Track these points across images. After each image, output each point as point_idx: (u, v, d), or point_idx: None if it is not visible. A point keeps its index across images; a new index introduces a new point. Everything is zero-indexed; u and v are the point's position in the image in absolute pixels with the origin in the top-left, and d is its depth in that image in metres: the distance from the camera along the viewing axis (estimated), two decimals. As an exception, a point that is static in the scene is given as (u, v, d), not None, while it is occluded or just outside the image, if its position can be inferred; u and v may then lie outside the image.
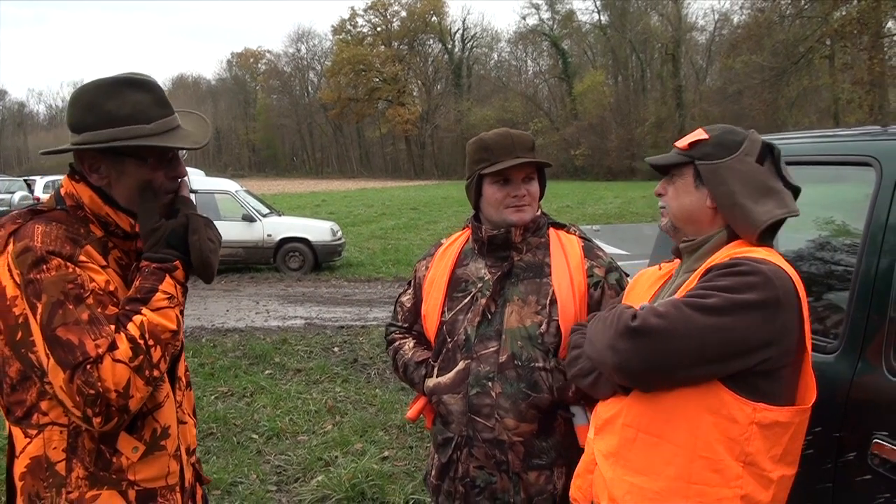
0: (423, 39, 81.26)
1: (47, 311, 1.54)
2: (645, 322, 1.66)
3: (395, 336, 2.54)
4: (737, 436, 1.64)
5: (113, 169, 1.73)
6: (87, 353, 1.52)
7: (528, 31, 73.50)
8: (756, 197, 1.79)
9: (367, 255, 16.27)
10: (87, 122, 1.70)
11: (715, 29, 59.50)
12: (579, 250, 2.33)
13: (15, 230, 1.63)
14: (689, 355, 1.62)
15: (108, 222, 1.74)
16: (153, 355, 1.61)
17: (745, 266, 1.65)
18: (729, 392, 1.64)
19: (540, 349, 2.21)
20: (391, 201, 33.87)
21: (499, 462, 2.22)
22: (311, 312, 10.27)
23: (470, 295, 2.32)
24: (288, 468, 4.86)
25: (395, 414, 5.82)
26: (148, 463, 1.74)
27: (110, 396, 1.52)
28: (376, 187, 52.06)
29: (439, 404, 2.31)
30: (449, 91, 78.10)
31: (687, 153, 1.88)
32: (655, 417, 1.72)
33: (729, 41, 33.23)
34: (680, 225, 1.91)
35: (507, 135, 2.31)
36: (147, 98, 1.74)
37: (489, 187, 2.31)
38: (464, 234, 2.49)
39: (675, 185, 1.91)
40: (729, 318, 1.60)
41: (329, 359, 7.60)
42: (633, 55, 64.13)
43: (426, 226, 22.61)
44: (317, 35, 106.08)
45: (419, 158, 79.52)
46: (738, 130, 1.88)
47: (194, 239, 1.77)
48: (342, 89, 79.19)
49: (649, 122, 56.23)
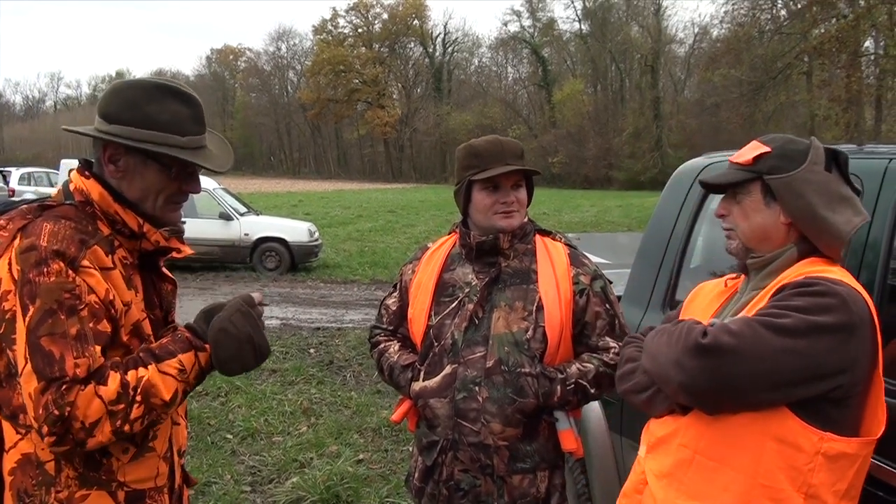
0: (405, 42, 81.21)
1: (37, 317, 1.53)
2: (716, 340, 1.55)
3: (380, 338, 2.54)
4: (801, 465, 1.56)
5: (133, 167, 1.74)
6: (65, 370, 1.51)
7: (509, 37, 73.78)
8: (834, 206, 1.71)
9: (344, 257, 16.22)
10: (124, 117, 1.70)
11: (694, 42, 60.18)
12: (565, 258, 2.36)
13: (24, 226, 1.62)
14: (761, 378, 1.54)
15: (116, 220, 1.73)
16: (133, 411, 1.59)
17: (822, 286, 1.58)
18: (796, 419, 1.56)
19: (526, 355, 2.23)
20: (368, 203, 33.81)
21: (483, 466, 2.25)
22: (288, 313, 10.22)
23: (457, 300, 2.34)
24: (262, 469, 4.85)
25: (370, 417, 5.83)
26: (138, 464, 1.73)
27: (73, 425, 1.51)
28: (353, 189, 51.93)
29: (425, 408, 2.32)
30: (429, 95, 78.12)
31: (751, 168, 1.78)
32: (715, 440, 1.64)
33: (708, 54, 33.62)
34: (753, 245, 1.80)
35: (497, 142, 2.34)
36: (186, 111, 1.76)
37: (478, 193, 2.33)
38: (451, 239, 2.51)
39: (741, 205, 1.80)
40: (804, 341, 1.52)
41: (305, 360, 7.58)
42: (612, 65, 64.60)
43: (403, 229, 22.59)
44: (297, 34, 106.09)
45: (397, 161, 79.44)
46: (797, 139, 1.79)
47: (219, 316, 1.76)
48: (321, 90, 78.90)
49: (627, 132, 56.62)
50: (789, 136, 1.81)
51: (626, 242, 8.43)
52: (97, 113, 1.75)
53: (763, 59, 23.72)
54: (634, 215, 27.16)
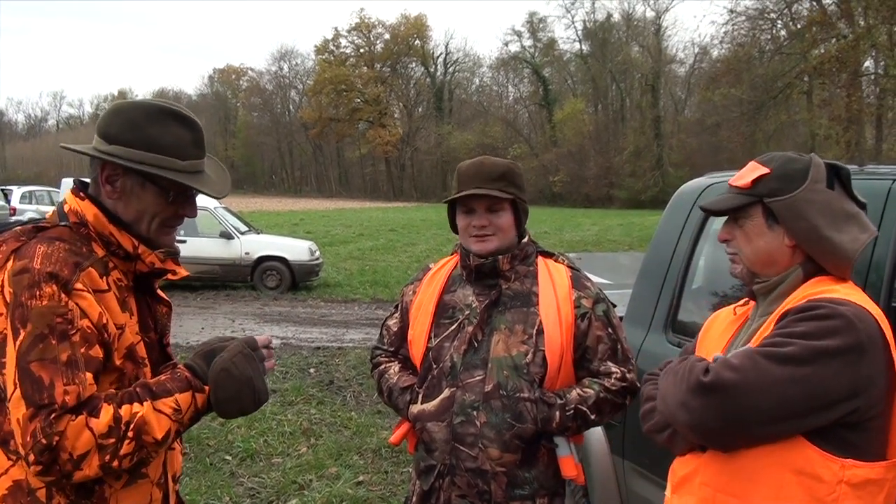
0: (406, 62, 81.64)
1: (28, 341, 1.50)
2: (718, 377, 1.52)
3: (381, 359, 2.52)
4: (824, 496, 1.50)
5: (130, 189, 1.72)
6: (54, 397, 1.48)
7: (509, 57, 74.17)
8: (839, 225, 1.66)
9: (345, 276, 16.21)
10: (124, 138, 1.69)
11: (694, 62, 60.37)
12: (567, 280, 2.32)
13: (17, 248, 1.60)
14: (768, 411, 1.49)
15: (111, 242, 1.71)
16: (123, 447, 1.54)
17: (824, 309, 1.53)
18: (814, 448, 1.51)
19: (525, 379, 2.19)
20: (369, 222, 33.84)
21: (481, 492, 2.20)
22: (288, 332, 10.19)
23: (457, 322, 2.31)
24: (261, 491, 4.80)
25: (370, 438, 5.78)
26: (131, 490, 1.69)
27: (61, 456, 1.48)
28: (354, 207, 52.00)
29: (423, 431, 2.29)
30: (430, 114, 78.43)
31: (750, 192, 1.73)
32: (734, 477, 1.60)
33: (708, 74, 33.75)
34: (758, 269, 1.76)
35: (478, 164, 2.31)
36: (188, 136, 1.75)
37: (458, 215, 2.34)
38: (452, 260, 2.48)
39: (743, 229, 1.76)
40: (808, 368, 1.48)
41: (305, 380, 7.53)
42: (613, 85, 64.88)
43: (404, 248, 22.58)
44: (300, 54, 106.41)
45: (398, 180, 79.61)
46: (797, 157, 1.75)
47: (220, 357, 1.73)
48: (323, 109, 79.18)
49: (628, 150, 56.78)
50: (789, 154, 1.77)
51: (628, 263, 8.41)
52: (96, 132, 1.74)
53: (763, 79, 23.78)
54: (636, 234, 27.15)
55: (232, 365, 1.71)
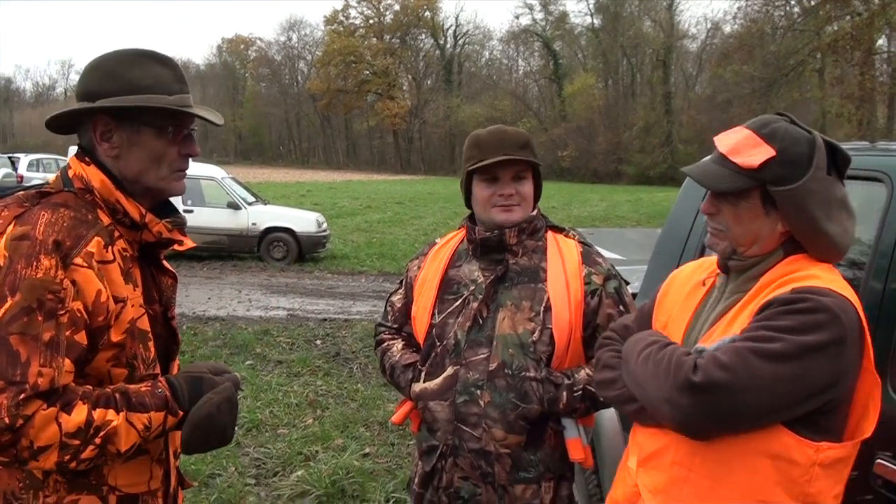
0: (416, 34, 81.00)
1: (13, 311, 1.43)
2: (709, 377, 1.48)
3: (384, 336, 2.46)
4: (797, 477, 1.52)
5: (128, 139, 1.67)
6: (27, 376, 1.41)
7: (520, 30, 73.49)
8: (832, 214, 1.62)
9: (352, 248, 16.19)
10: (108, 88, 1.64)
11: (706, 37, 59.74)
12: (577, 256, 2.25)
13: (20, 214, 1.54)
14: (756, 408, 1.49)
15: (117, 209, 1.65)
16: (86, 451, 1.48)
17: (811, 302, 1.50)
18: (791, 434, 1.51)
19: (532, 358, 2.13)
20: (376, 194, 33.76)
21: (484, 473, 2.15)
22: (294, 304, 10.19)
23: (461, 298, 2.24)
24: (267, 461, 4.81)
25: (377, 410, 5.78)
26: (129, 467, 1.65)
27: (21, 441, 1.41)
28: (362, 180, 51.89)
29: (425, 410, 2.23)
30: (439, 87, 77.89)
31: (755, 175, 1.62)
32: (709, 459, 1.59)
33: (720, 50, 33.36)
34: (743, 249, 1.68)
35: (499, 132, 2.24)
36: (168, 73, 1.70)
37: (477, 185, 2.24)
38: (458, 234, 2.41)
39: (737, 209, 1.66)
40: (797, 365, 1.47)
41: (311, 351, 7.53)
42: (624, 59, 64.28)
43: (411, 220, 22.53)
44: (308, 25, 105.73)
45: (406, 153, 79.30)
46: (800, 135, 1.64)
47: (209, 397, 1.66)
48: (332, 80, 78.72)
49: (637, 126, 56.34)
50: (788, 127, 1.64)
51: (636, 238, 8.35)
52: (77, 97, 1.68)
53: (776, 56, 23.47)
54: (644, 210, 27.03)
55: (217, 412, 1.65)
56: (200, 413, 1.64)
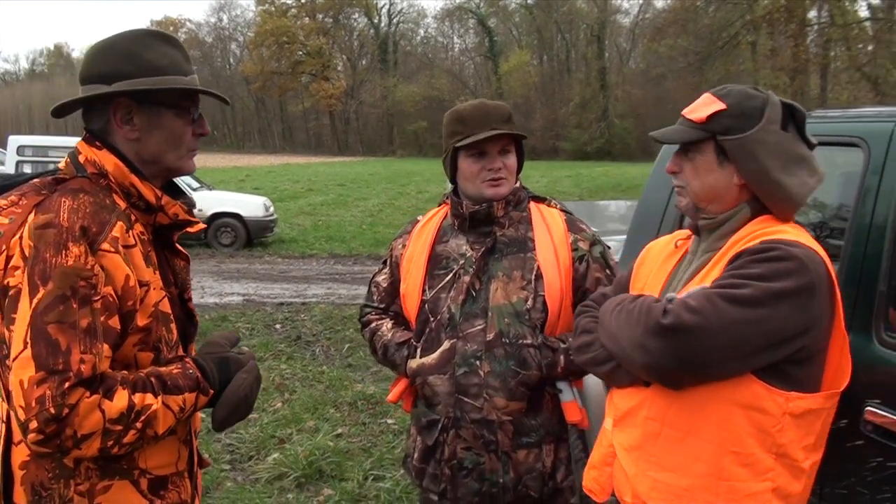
0: (349, 13, 79.79)
1: (47, 301, 1.42)
2: (678, 319, 1.53)
3: (371, 317, 2.48)
4: (769, 427, 1.56)
5: (148, 121, 1.66)
6: (69, 363, 1.40)
7: (455, 7, 73.16)
8: (789, 168, 1.66)
9: (299, 232, 16.05)
10: (126, 70, 1.62)
11: (639, 12, 60.50)
12: (562, 224, 2.30)
13: (39, 202, 1.52)
14: (726, 352, 1.53)
15: (132, 193, 1.64)
16: (128, 436, 1.48)
17: (778, 251, 1.55)
18: (761, 383, 1.55)
19: (527, 325, 2.18)
20: (317, 177, 33.39)
21: (487, 442, 2.20)
22: (249, 289, 10.09)
23: (452, 272, 2.28)
24: (240, 447, 4.79)
25: (344, 391, 5.80)
26: (159, 449, 1.66)
27: (66, 431, 1.40)
28: (300, 163, 51.14)
29: (424, 386, 2.27)
30: (374, 67, 77.05)
31: (704, 127, 1.70)
32: (681, 412, 1.63)
33: (654, 25, 33.85)
34: (703, 205, 1.74)
35: (482, 106, 2.27)
36: (179, 53, 1.70)
37: (465, 160, 2.27)
38: (441, 211, 2.44)
39: (693, 163, 1.73)
40: (765, 310, 1.50)
41: (272, 336, 7.48)
42: (558, 36, 64.65)
43: (356, 202, 22.40)
44: (239, 5, 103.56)
45: (343, 134, 78.40)
46: (754, 93, 1.71)
47: (242, 377, 1.70)
48: (265, 62, 77.12)
49: (574, 102, 56.86)
50: (746, 89, 1.73)
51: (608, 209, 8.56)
52: (87, 80, 1.65)
53: (709, 30, 23.96)
54: (584, 185, 27.42)
55: (250, 392, 1.71)
56: (239, 394, 1.68)
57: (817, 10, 23.22)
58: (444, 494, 2.27)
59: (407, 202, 22.14)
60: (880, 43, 18.88)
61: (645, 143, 50.21)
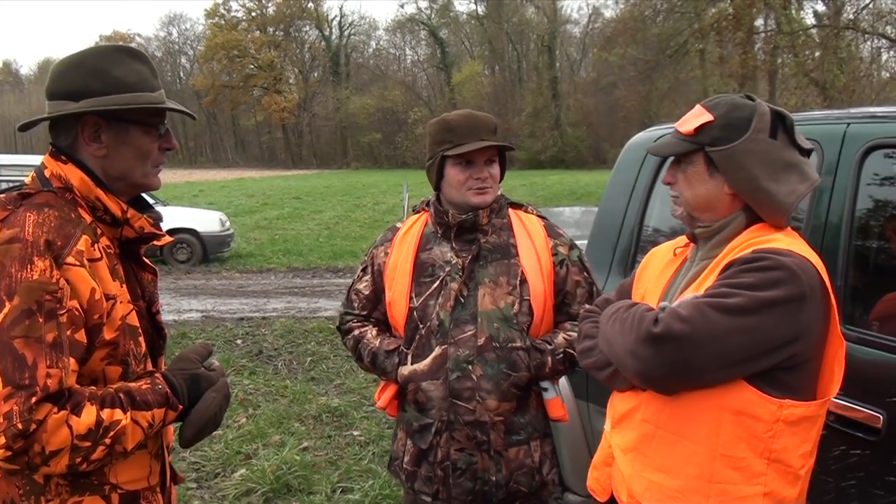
0: (300, 26, 79.43)
1: (13, 316, 1.41)
2: (668, 328, 1.57)
3: (353, 325, 2.50)
4: (761, 433, 1.59)
5: (116, 138, 1.65)
6: (36, 378, 1.39)
7: (406, 19, 73.40)
8: (777, 176, 1.69)
9: (256, 246, 15.90)
10: (94, 87, 1.61)
11: (588, 22, 61.39)
12: (542, 230, 2.38)
13: (4, 217, 1.51)
14: (715, 360, 1.56)
15: (97, 207, 1.64)
16: (97, 452, 1.47)
17: (769, 261, 1.58)
18: (753, 390, 1.58)
19: (516, 329, 2.26)
20: (271, 191, 33.12)
21: (480, 442, 2.26)
22: (207, 305, 9.95)
23: (438, 280, 2.32)
24: (206, 464, 4.73)
25: (308, 405, 5.77)
26: (129, 464, 1.65)
27: (33, 447, 1.39)
28: (254, 177, 50.64)
29: (417, 391, 2.31)
30: (326, 79, 76.77)
31: (693, 139, 1.75)
32: (675, 415, 1.67)
33: (603, 34, 34.34)
34: (697, 214, 1.79)
35: (471, 116, 2.32)
36: (146, 69, 1.70)
37: (452, 169, 2.31)
38: (421, 218, 2.47)
39: (686, 174, 1.79)
40: (754, 319, 1.53)
41: (233, 351, 7.40)
42: (509, 46, 65.21)
43: (311, 215, 22.27)
44: (189, 19, 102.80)
45: (297, 147, 77.92)
46: (743, 103, 1.74)
47: (212, 395, 1.71)
48: (216, 76, 76.45)
49: (526, 111, 57.35)
50: (735, 99, 1.76)
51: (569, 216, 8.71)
52: (54, 96, 1.64)
53: (658, 39, 24.40)
54: (539, 193, 27.63)
55: (219, 411, 1.72)
56: (208, 414, 1.69)
57: (764, 18, 23.82)
58: (437, 495, 2.32)
59: (364, 214, 22.08)
60: (827, 49, 19.41)
61: (597, 150, 50.95)
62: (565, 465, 3.17)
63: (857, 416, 2.09)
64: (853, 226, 2.25)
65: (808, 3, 24.75)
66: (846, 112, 2.45)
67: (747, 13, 19.31)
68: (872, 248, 2.34)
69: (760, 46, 21.95)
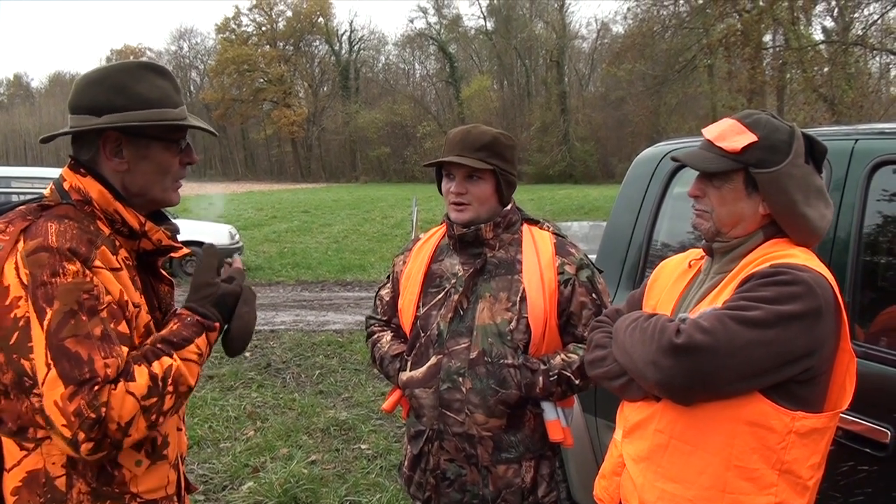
0: (310, 40, 79.95)
1: (58, 319, 1.45)
2: (690, 339, 1.58)
3: (375, 329, 2.56)
4: (773, 444, 1.61)
5: (137, 154, 1.68)
6: (96, 371, 1.44)
7: (415, 34, 73.75)
8: (812, 202, 1.72)
9: (265, 259, 15.92)
10: (117, 103, 1.64)
11: (597, 38, 61.56)
12: (551, 247, 2.35)
13: (26, 227, 1.53)
14: (735, 372, 1.58)
15: (115, 219, 1.67)
16: (166, 402, 1.55)
17: (787, 275, 1.61)
18: (768, 402, 1.61)
19: (509, 346, 2.24)
20: (280, 204, 33.21)
21: (468, 455, 2.27)
22: (215, 317, 9.94)
23: (444, 291, 2.35)
24: (214, 476, 4.73)
25: (316, 417, 5.77)
26: (150, 473, 1.68)
27: (110, 427, 1.45)
28: (263, 190, 50.84)
29: (412, 398, 2.34)
30: (336, 93, 77.15)
31: (738, 158, 1.74)
32: (689, 425, 1.68)
33: (612, 50, 34.43)
34: (726, 230, 1.79)
35: (464, 131, 2.33)
36: (169, 85, 1.73)
37: (444, 180, 2.38)
38: (440, 230, 2.51)
39: (720, 191, 1.78)
40: (773, 332, 1.56)
41: (241, 364, 7.40)
42: (518, 61, 65.41)
43: (320, 228, 22.31)
44: (200, 34, 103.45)
45: (306, 161, 78.22)
46: (781, 125, 1.75)
47: (245, 311, 1.79)
48: (226, 90, 76.94)
49: (534, 126, 57.44)
50: (770, 118, 1.77)
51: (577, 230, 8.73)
52: (76, 111, 1.67)
53: (667, 54, 24.43)
54: (547, 208, 27.64)
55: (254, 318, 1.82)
56: (248, 328, 1.80)
57: (773, 33, 23.83)
58: (429, 502, 2.36)
59: (372, 228, 22.11)
60: (835, 65, 19.34)
61: (606, 165, 50.98)
62: (573, 481, 3.17)
63: (864, 430, 2.09)
64: (861, 241, 2.26)
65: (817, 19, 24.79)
66: (854, 128, 2.46)
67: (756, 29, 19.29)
68: (881, 263, 2.35)
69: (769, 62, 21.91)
